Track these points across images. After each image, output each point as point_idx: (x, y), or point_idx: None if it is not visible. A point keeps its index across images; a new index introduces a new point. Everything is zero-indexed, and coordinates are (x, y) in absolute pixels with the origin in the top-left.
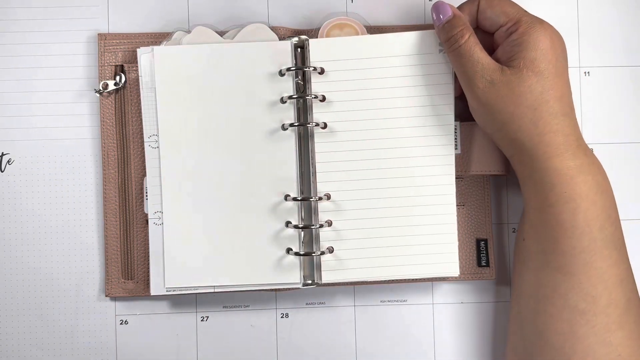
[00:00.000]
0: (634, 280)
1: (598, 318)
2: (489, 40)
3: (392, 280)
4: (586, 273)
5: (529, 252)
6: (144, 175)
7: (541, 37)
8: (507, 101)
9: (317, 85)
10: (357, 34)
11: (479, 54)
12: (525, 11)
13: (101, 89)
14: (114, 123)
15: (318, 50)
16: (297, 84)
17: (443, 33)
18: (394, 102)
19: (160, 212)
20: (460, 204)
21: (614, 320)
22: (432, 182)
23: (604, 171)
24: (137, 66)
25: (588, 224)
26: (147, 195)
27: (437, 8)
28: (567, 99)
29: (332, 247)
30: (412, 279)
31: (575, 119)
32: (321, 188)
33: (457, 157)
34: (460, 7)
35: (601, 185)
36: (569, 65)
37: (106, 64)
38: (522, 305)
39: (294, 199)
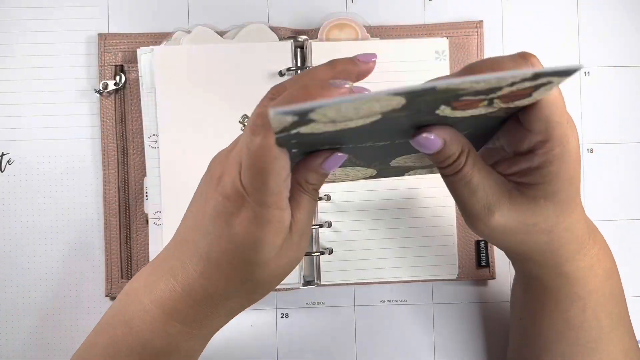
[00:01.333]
0: (637, 346)
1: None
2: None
3: (392, 280)
4: (591, 358)
5: (527, 333)
6: (144, 175)
7: (569, 164)
8: (516, 230)
9: None
10: (357, 34)
11: (479, 181)
12: (560, 116)
13: (101, 89)
14: (114, 123)
15: (320, 54)
16: None
17: (435, 160)
18: None
19: (160, 212)
20: None
21: None
22: (431, 182)
23: (611, 253)
24: (137, 66)
25: (596, 316)
26: (147, 195)
27: (423, 140)
28: (579, 197)
29: (332, 248)
30: (412, 280)
31: (583, 208)
32: (321, 189)
33: None
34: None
35: (609, 270)
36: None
37: (106, 64)
38: (521, 349)
39: None
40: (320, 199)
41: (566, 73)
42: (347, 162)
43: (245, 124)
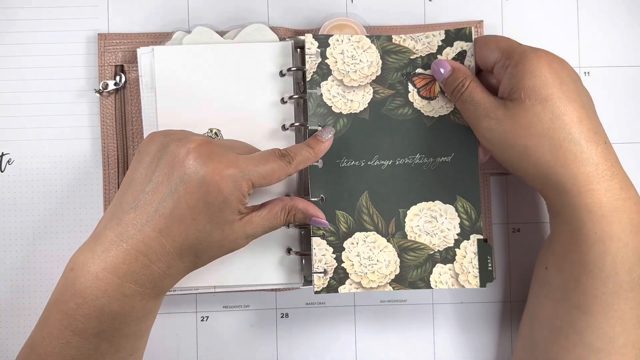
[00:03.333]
0: None
1: (612, 357)
2: (493, 82)
3: None
4: (606, 314)
5: (549, 282)
6: None
7: (536, 64)
8: (516, 134)
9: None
10: (357, 34)
11: (479, 96)
12: (519, 43)
13: (101, 89)
14: (114, 123)
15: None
16: (297, 84)
17: (447, 87)
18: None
19: None
20: None
21: None
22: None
23: None
24: (137, 66)
25: (615, 267)
26: None
27: (437, 65)
28: (587, 123)
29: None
30: None
31: (608, 145)
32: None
33: None
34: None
35: (636, 225)
36: None
37: (106, 64)
38: (535, 330)
39: None
40: (321, 199)
41: (465, 36)
42: (364, 219)
43: (213, 135)
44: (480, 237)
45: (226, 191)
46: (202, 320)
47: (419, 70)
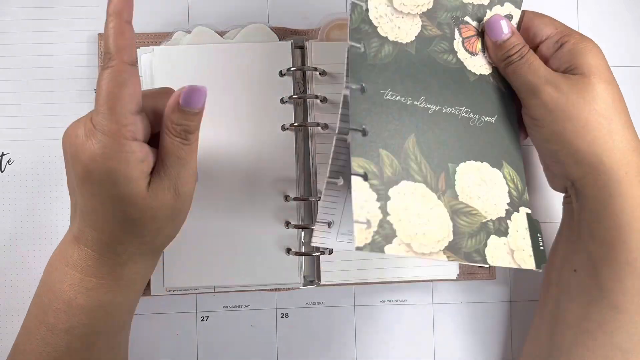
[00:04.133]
0: None
1: (639, 358)
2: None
3: (392, 280)
4: None
5: (580, 284)
6: None
7: (597, 48)
8: (579, 107)
9: (319, 87)
10: None
11: (540, 64)
12: (570, 28)
13: None
14: None
15: (318, 53)
16: (297, 84)
17: (500, 51)
18: None
19: None
20: None
21: None
22: None
23: None
24: (137, 66)
25: None
26: None
27: (497, 22)
28: (623, 118)
29: (332, 248)
30: (412, 280)
31: (629, 130)
32: (321, 188)
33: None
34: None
35: None
36: None
37: None
38: (557, 333)
39: (294, 199)
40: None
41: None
42: (412, 167)
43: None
44: (529, 210)
45: (80, 137)
46: (202, 320)
47: (467, 19)
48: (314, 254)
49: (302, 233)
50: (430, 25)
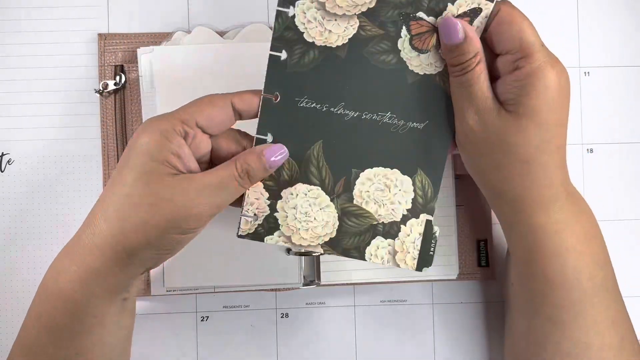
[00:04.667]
0: (628, 316)
1: None
2: (491, 60)
3: (392, 280)
4: (577, 323)
5: (518, 298)
6: None
7: (550, 83)
8: (496, 148)
9: None
10: None
11: (480, 88)
12: (542, 42)
13: (101, 89)
14: (114, 123)
15: None
16: None
17: (451, 54)
18: None
19: None
20: (460, 204)
21: None
22: None
23: (593, 217)
24: (137, 66)
25: (577, 276)
26: None
27: (450, 25)
28: (563, 150)
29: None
30: (412, 280)
31: (566, 166)
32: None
33: (456, 157)
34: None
35: (589, 233)
36: (569, 66)
37: (106, 64)
38: (515, 345)
39: None
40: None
41: None
42: (311, 171)
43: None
44: (431, 218)
45: (144, 138)
46: (202, 320)
47: (420, 14)
48: (313, 254)
49: None
50: (370, 25)
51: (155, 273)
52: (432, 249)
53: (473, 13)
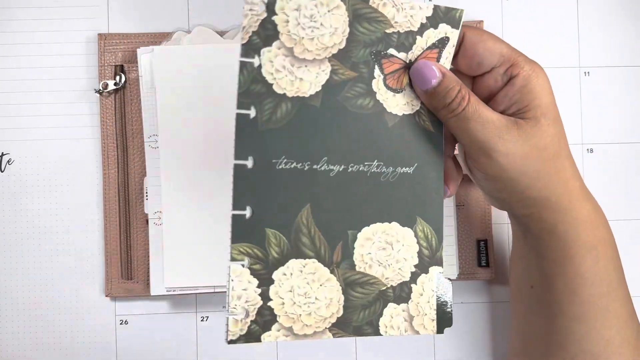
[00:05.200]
0: (636, 312)
1: (611, 359)
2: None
3: None
4: (603, 317)
5: (539, 300)
6: (144, 175)
7: (545, 80)
8: (531, 159)
9: None
10: None
11: (487, 113)
12: (515, 49)
13: (101, 89)
14: (114, 123)
15: None
16: None
17: (435, 100)
18: None
19: (160, 212)
20: (460, 204)
21: (627, 359)
22: None
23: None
24: (137, 66)
25: (607, 268)
26: (147, 195)
27: (423, 69)
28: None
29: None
30: None
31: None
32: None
33: (456, 157)
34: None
35: (607, 224)
36: (569, 66)
37: (106, 64)
38: (530, 347)
39: None
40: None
41: (452, 19)
42: (303, 242)
43: None
44: (441, 269)
45: None
46: (202, 320)
47: (391, 51)
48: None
49: None
50: (343, 68)
51: (155, 273)
52: (449, 306)
53: (441, 43)
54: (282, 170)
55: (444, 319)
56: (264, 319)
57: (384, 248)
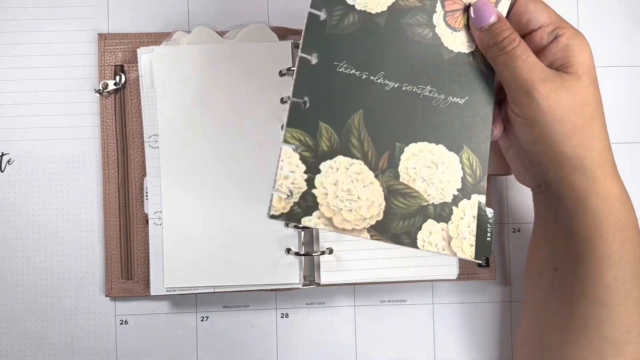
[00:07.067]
0: None
1: (629, 347)
2: None
3: (392, 280)
4: (625, 303)
5: (562, 282)
6: (144, 175)
7: (588, 45)
8: (570, 110)
9: None
10: None
11: (534, 58)
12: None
13: (101, 89)
14: (114, 123)
15: None
16: None
17: (487, 37)
18: None
19: (160, 212)
20: None
21: None
22: None
23: None
24: (137, 66)
25: (632, 252)
26: (147, 195)
27: (479, 9)
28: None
29: (332, 248)
30: (412, 280)
31: None
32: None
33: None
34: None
35: (634, 208)
36: None
37: (106, 64)
38: (545, 334)
39: None
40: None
41: None
42: (352, 142)
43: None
44: (483, 199)
45: None
46: (202, 320)
47: None
48: (313, 254)
49: (302, 233)
50: None
51: (155, 273)
52: (489, 234)
53: None
54: (341, 73)
55: (483, 246)
56: (307, 204)
57: (429, 166)
